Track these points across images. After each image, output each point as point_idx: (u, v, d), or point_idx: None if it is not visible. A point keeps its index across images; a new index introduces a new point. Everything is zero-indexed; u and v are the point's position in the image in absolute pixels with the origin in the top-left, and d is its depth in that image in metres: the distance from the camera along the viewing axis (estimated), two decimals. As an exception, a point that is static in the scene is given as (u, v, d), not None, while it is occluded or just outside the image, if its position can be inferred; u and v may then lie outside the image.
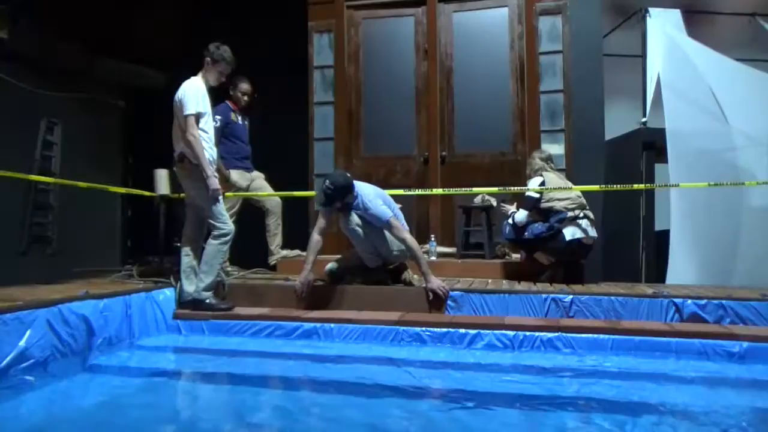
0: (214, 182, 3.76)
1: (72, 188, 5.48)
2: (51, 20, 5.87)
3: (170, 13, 6.60)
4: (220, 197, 3.82)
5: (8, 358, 2.81)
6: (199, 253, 3.88)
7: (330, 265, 4.20)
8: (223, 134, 4.69)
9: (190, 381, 3.05)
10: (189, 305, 3.89)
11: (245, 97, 4.82)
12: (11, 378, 2.78)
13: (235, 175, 4.78)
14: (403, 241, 3.86)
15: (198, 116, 3.73)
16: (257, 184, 4.88)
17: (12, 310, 2.89)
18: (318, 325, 3.69)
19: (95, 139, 6.68)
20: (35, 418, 2.41)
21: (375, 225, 3.92)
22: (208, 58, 3.80)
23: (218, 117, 4.58)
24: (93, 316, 3.31)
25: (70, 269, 4.99)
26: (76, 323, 3.20)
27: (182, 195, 4.83)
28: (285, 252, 5.00)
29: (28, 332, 2.93)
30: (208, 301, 3.84)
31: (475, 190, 4.78)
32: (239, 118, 4.86)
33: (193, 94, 3.72)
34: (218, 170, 4.09)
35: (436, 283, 3.84)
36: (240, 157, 4.81)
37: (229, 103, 4.83)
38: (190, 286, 3.88)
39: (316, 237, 4.00)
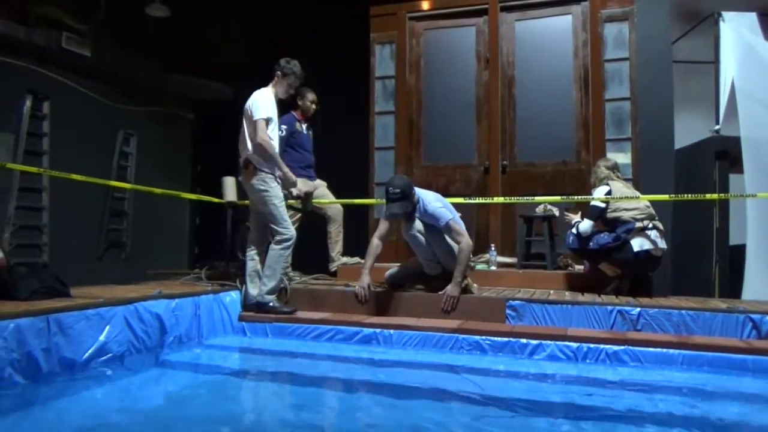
0: (291, 175, 3.94)
1: (145, 196, 5.80)
2: (128, 38, 6.27)
3: (236, 27, 6.90)
4: (281, 203, 3.93)
5: (90, 351, 3.01)
6: (263, 258, 4.00)
7: (390, 272, 4.25)
8: (288, 143, 4.86)
9: (253, 380, 3.16)
10: (253, 308, 4.02)
11: (313, 106, 4.97)
12: (91, 369, 2.96)
13: (299, 183, 4.92)
14: (458, 242, 3.86)
15: (267, 121, 3.87)
16: (320, 192, 5.02)
17: (94, 307, 3.09)
18: (377, 330, 3.74)
19: (167, 150, 7.06)
20: (111, 408, 2.56)
21: (436, 230, 3.94)
22: (279, 72, 3.96)
23: (284, 126, 4.75)
24: (165, 315, 3.49)
25: (142, 272, 5.28)
26: (150, 321, 3.38)
27: (248, 201, 5.02)
28: (345, 259, 5.10)
29: (107, 328, 3.12)
30: (271, 304, 3.96)
31: (537, 199, 4.73)
32: (303, 127, 5.02)
33: (264, 101, 3.88)
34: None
35: (454, 292, 3.84)
36: (304, 166, 4.96)
37: (294, 113, 5.00)
38: (254, 290, 4.02)
39: (375, 241, 4.08)
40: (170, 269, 5.52)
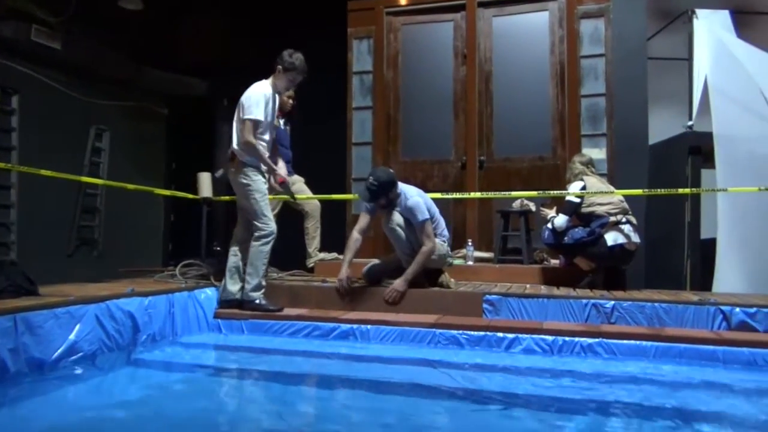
0: (280, 170, 3.89)
1: (118, 193, 5.71)
2: (100, 31, 6.15)
3: (211, 21, 6.82)
4: (263, 198, 3.89)
5: (59, 351, 2.96)
6: (246, 254, 3.96)
7: (368, 267, 4.26)
8: None
9: (229, 377, 3.14)
10: (236, 305, 3.99)
11: (290, 101, 4.93)
12: (61, 369, 2.91)
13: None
14: (423, 243, 3.93)
15: (257, 123, 3.80)
16: (297, 187, 4.99)
17: (63, 305, 3.04)
18: (355, 326, 3.75)
19: (140, 146, 6.94)
20: (81, 408, 2.52)
21: (415, 227, 3.96)
22: (280, 66, 3.81)
23: None
24: (138, 313, 3.44)
25: (115, 269, 5.19)
26: (122, 319, 3.33)
27: (224, 198, 4.97)
28: (323, 255, 5.08)
29: (77, 326, 3.08)
30: (258, 301, 3.93)
31: (514, 194, 4.77)
32: (281, 122, 4.99)
33: (257, 99, 3.78)
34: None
35: (400, 287, 3.91)
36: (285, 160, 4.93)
37: None
38: (233, 286, 3.99)
39: (355, 235, 4.10)
40: (144, 267, 5.45)
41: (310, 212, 5.02)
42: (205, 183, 5.06)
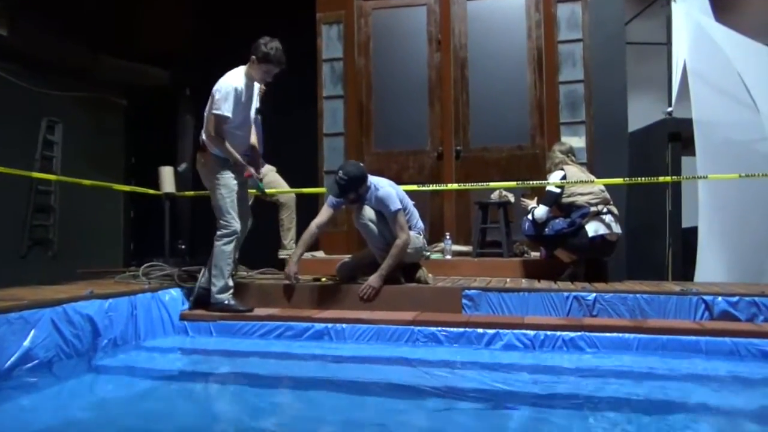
0: (245, 167, 3.81)
1: (73, 189, 5.56)
2: (53, 18, 5.97)
3: (173, 9, 6.69)
4: (229, 194, 3.84)
5: (13, 358, 2.87)
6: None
7: (341, 263, 4.24)
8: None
9: (197, 382, 3.08)
10: (202, 305, 3.96)
11: (262, 89, 4.87)
12: (15, 378, 2.83)
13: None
14: (397, 236, 3.93)
15: (223, 119, 3.70)
16: (270, 178, 4.95)
17: (16, 309, 2.95)
18: (329, 325, 3.72)
19: (97, 139, 6.78)
20: (38, 420, 2.45)
21: (387, 218, 3.95)
22: (253, 56, 3.67)
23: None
24: (98, 317, 3.36)
25: (72, 271, 5.07)
26: (81, 323, 3.25)
27: (188, 193, 4.90)
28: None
29: (32, 332, 2.98)
30: (227, 302, 3.89)
31: (492, 185, 4.79)
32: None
33: (227, 93, 3.66)
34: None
35: (375, 282, 3.92)
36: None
37: None
38: (203, 279, 3.99)
39: (312, 229, 4.09)
40: (103, 267, 5.34)
41: (285, 203, 4.98)
42: (168, 178, 4.99)
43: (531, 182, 4.63)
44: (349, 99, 5.80)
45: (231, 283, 3.92)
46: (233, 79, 3.72)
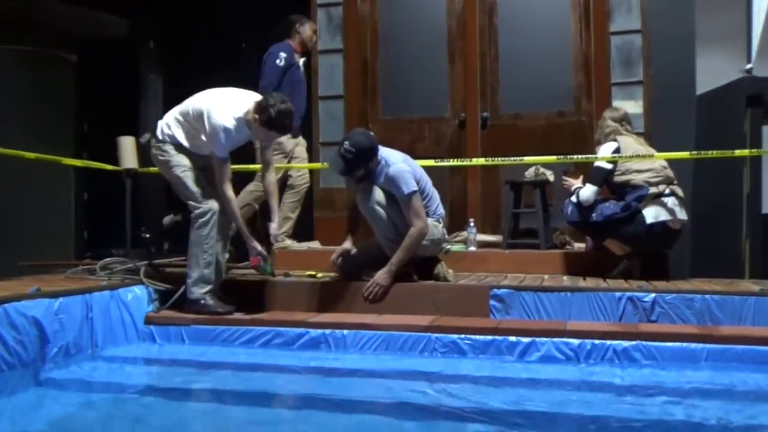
0: (251, 244, 3.90)
1: (12, 165, 5.56)
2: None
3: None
4: (189, 172, 3.94)
5: (-58, 370, 2.89)
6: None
7: (342, 257, 4.24)
8: (283, 80, 4.87)
9: (165, 399, 3.10)
10: (175, 305, 4.02)
11: (314, 36, 4.91)
12: (-53, 394, 2.85)
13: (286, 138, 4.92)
14: (412, 223, 3.94)
15: (226, 162, 3.86)
16: (297, 152, 5.01)
17: (-54, 311, 2.96)
18: (327, 331, 3.73)
19: (41, 102, 6.79)
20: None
21: (400, 202, 3.95)
22: (256, 114, 3.78)
23: (283, 55, 4.81)
24: (46, 319, 3.37)
25: (13, 264, 5.09)
26: (25, 327, 3.26)
27: (154, 169, 4.90)
28: (290, 242, 5.06)
29: (-34, 338, 3.00)
30: (203, 301, 3.92)
31: (527, 160, 4.77)
32: (301, 62, 5.03)
33: (218, 135, 3.78)
34: None
35: (383, 280, 3.94)
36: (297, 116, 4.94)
37: (290, 42, 4.99)
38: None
39: (350, 205, 4.21)
40: (51, 260, 5.36)
41: (295, 186, 5.01)
42: (128, 150, 4.98)
43: (575, 156, 4.60)
44: (350, 54, 5.77)
45: (209, 275, 3.95)
46: (228, 117, 3.79)
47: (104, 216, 6.44)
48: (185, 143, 3.96)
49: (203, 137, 3.87)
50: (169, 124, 3.99)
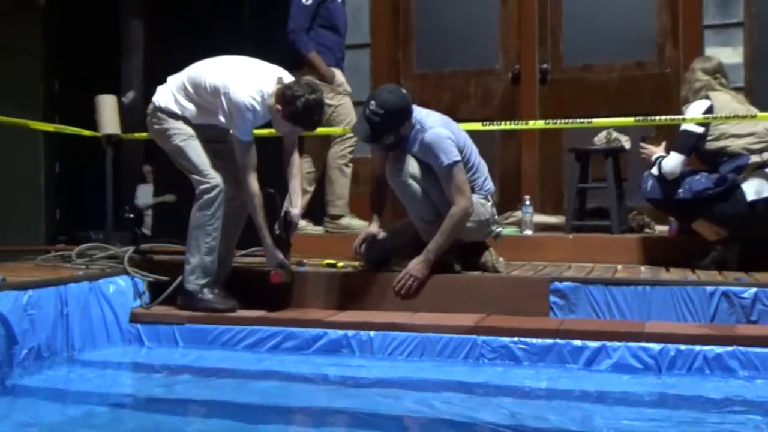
0: (272, 252, 3.93)
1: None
2: None
3: None
4: (193, 141, 3.99)
5: None
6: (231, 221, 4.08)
7: (368, 242, 4.25)
8: (316, 18, 4.95)
9: (154, 413, 3.13)
10: (168, 300, 4.07)
11: None
12: None
13: (338, 73, 5.07)
14: (453, 201, 3.93)
15: (250, 146, 3.94)
16: (341, 110, 5.10)
17: None
18: (350, 333, 3.76)
19: (3, 56, 6.87)
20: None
21: (439, 175, 3.96)
22: (279, 105, 3.84)
23: None
24: (13, 316, 3.43)
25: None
26: (-12, 325, 3.34)
27: (139, 135, 4.95)
28: (349, 219, 5.20)
29: None
30: (200, 296, 3.98)
31: (597, 122, 4.73)
32: None
33: (243, 116, 3.84)
34: (318, 67, 4.86)
35: (418, 270, 3.94)
36: (336, 50, 5.09)
37: None
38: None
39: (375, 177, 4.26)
40: (18, 245, 5.46)
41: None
42: (108, 112, 5.04)
43: (656, 118, 4.56)
44: (378, -8, 5.77)
45: (211, 264, 4.00)
46: (249, 97, 3.83)
47: (80, 192, 6.55)
48: (195, 119, 4.02)
49: (221, 117, 3.92)
50: (176, 97, 4.03)
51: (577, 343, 3.54)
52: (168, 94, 4.05)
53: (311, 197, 5.20)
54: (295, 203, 4.07)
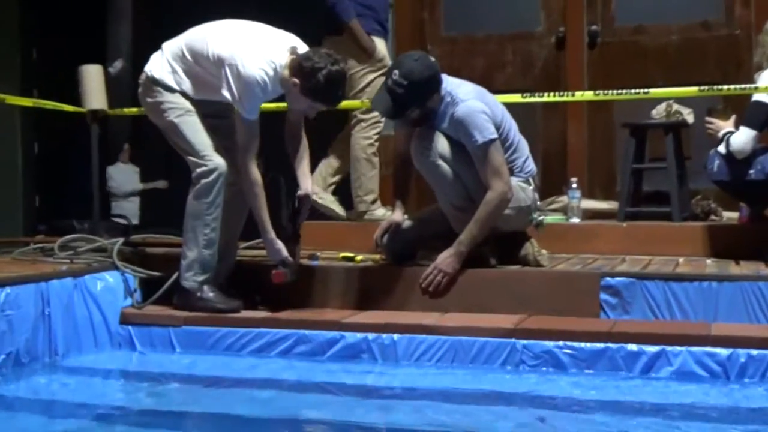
0: (274, 248, 3.94)
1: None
2: None
3: None
4: (191, 117, 3.99)
5: None
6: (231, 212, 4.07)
7: (390, 232, 4.25)
8: None
9: (146, 428, 3.15)
10: (163, 299, 4.10)
11: None
12: None
13: (380, 43, 5.07)
14: (489, 185, 3.91)
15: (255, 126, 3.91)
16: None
17: None
18: (370, 336, 3.76)
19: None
20: None
21: (472, 155, 3.95)
22: (295, 78, 3.80)
23: None
24: (-12, 316, 3.47)
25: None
26: (-41, 328, 3.37)
27: (129, 111, 4.98)
28: (380, 209, 5.19)
29: None
30: (199, 294, 3.99)
31: (655, 92, 4.71)
32: None
33: (251, 92, 3.81)
34: (358, 37, 4.89)
35: (448, 265, 3.93)
36: (377, 15, 5.09)
37: None
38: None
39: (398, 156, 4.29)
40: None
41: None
42: (94, 84, 5.05)
43: (724, 88, 4.52)
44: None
45: (210, 258, 4.01)
46: (260, 71, 3.80)
47: (62, 176, 6.59)
48: (193, 92, 4.02)
49: (225, 92, 3.86)
50: (173, 66, 4.02)
51: (633, 347, 3.52)
52: (163, 64, 4.04)
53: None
54: (305, 186, 4.07)
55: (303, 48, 3.93)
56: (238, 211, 4.14)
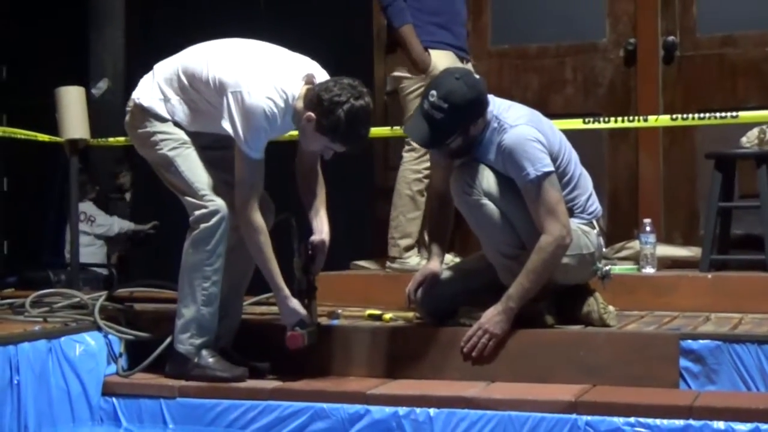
0: (288, 307, 3.94)
1: None
2: None
3: None
4: (188, 151, 4.03)
5: None
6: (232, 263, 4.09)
7: (426, 286, 4.27)
8: None
9: None
10: (154, 365, 4.11)
11: None
12: None
13: (442, 58, 5.05)
14: (543, 227, 3.91)
15: (258, 165, 3.93)
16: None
17: None
18: (402, 410, 3.76)
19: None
20: None
21: (523, 192, 3.97)
22: (310, 112, 3.80)
23: None
24: (-53, 386, 3.53)
25: None
26: None
27: (115, 140, 5.06)
28: (413, 257, 5.24)
29: None
30: (197, 360, 4.01)
31: (745, 116, 4.71)
32: None
33: (256, 129, 3.83)
34: (409, 47, 4.95)
35: (495, 325, 3.93)
36: (444, 24, 5.11)
37: None
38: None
39: (433, 201, 4.32)
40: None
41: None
42: (73, 109, 5.11)
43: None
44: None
45: (210, 318, 4.03)
46: (267, 106, 3.81)
47: (35, 218, 6.67)
48: (187, 123, 4.05)
49: (225, 124, 3.87)
50: (164, 93, 4.05)
51: (719, 425, 3.49)
52: (154, 89, 4.07)
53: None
54: (320, 229, 4.09)
55: (322, 76, 3.94)
56: (244, 261, 4.12)
